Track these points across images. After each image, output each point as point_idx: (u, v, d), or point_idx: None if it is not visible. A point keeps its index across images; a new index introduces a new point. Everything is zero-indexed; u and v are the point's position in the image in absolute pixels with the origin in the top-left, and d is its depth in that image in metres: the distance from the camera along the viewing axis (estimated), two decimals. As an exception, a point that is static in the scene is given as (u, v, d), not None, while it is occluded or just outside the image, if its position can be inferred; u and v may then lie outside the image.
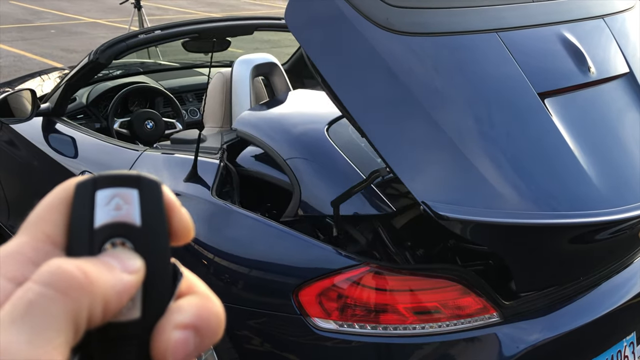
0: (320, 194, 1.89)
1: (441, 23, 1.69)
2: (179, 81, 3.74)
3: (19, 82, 3.92)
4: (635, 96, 1.91)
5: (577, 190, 1.63)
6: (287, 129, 2.09)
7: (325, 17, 1.69)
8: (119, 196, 0.34)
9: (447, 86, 1.66)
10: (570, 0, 1.99)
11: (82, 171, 2.60)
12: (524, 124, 1.68)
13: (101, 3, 16.84)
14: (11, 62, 9.23)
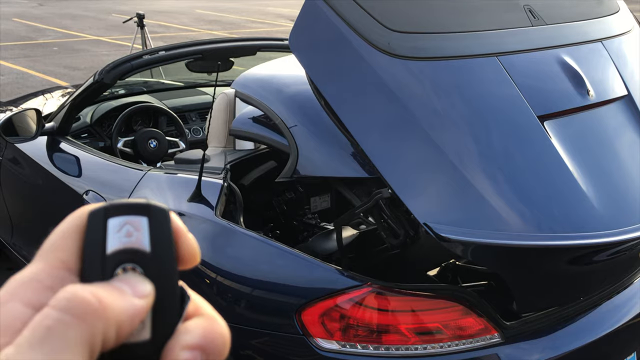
0: (317, 156, 1.85)
1: (442, 47, 1.72)
2: (182, 100, 3.77)
3: (22, 101, 3.96)
4: (633, 118, 1.93)
5: (577, 212, 1.65)
6: (282, 89, 2.06)
7: (329, 41, 1.72)
8: (130, 223, 0.36)
9: (447, 108, 1.69)
10: (568, 25, 2.02)
11: (86, 190, 2.62)
12: (523, 146, 1.70)
13: (103, 21, 16.97)
14: (14, 79, 9.28)
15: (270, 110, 1.99)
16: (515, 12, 1.92)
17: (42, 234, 1.86)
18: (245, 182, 2.38)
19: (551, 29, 1.94)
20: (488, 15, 1.88)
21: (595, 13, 2.14)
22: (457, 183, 1.61)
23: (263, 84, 2.12)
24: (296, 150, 1.88)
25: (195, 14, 18.56)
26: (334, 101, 1.67)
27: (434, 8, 1.82)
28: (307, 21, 1.73)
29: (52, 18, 17.77)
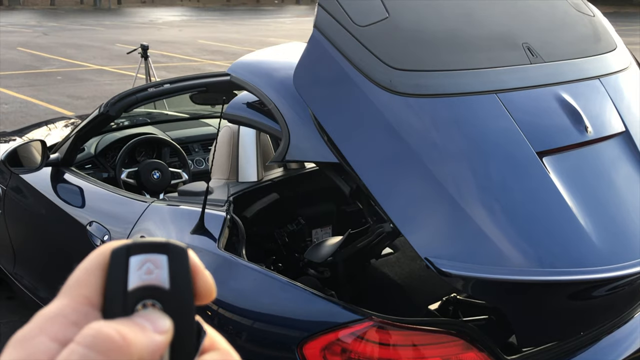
0: (308, 140, 1.84)
1: (442, 85, 1.76)
2: (185, 132, 3.81)
3: (26, 131, 3.99)
4: (631, 154, 1.96)
5: (577, 248, 1.67)
6: (275, 73, 2.05)
7: (332, 78, 1.75)
8: (150, 261, 0.38)
9: (447, 143, 1.72)
10: (566, 62, 2.05)
11: (89, 221, 2.64)
12: (522, 181, 1.72)
13: (108, 51, 17.13)
14: (17, 108, 9.36)
15: (264, 95, 1.98)
16: (514, 50, 1.96)
17: (44, 264, 1.89)
18: (248, 215, 2.40)
19: (549, 67, 1.98)
20: (487, 53, 1.92)
21: (593, 50, 2.18)
22: (457, 217, 1.62)
23: (257, 69, 2.11)
24: (288, 134, 1.87)
25: (197, 44, 18.76)
26: (336, 136, 1.70)
27: (435, 47, 1.86)
28: (311, 58, 1.77)
29: (56, 47, 17.96)
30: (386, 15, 1.79)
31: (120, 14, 39.70)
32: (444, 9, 2.01)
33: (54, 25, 28.12)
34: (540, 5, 2.28)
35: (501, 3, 2.18)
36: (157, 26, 27.55)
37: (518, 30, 2.05)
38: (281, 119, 1.90)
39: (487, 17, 2.06)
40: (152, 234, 2.33)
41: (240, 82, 2.08)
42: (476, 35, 1.97)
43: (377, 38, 1.76)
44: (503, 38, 2.01)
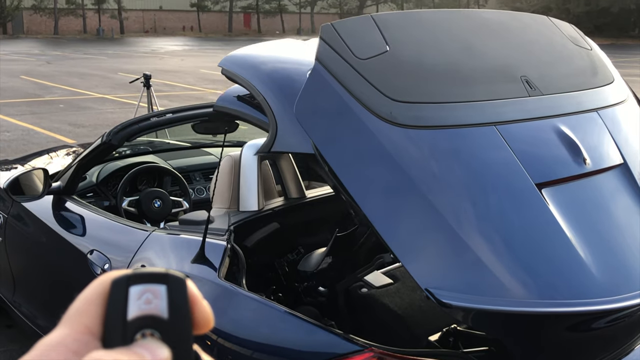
0: (294, 132, 1.85)
1: (441, 117, 1.78)
2: (186, 160, 3.83)
3: (29, 159, 4.02)
4: (629, 186, 1.97)
5: (577, 279, 1.67)
6: (263, 67, 2.09)
7: (333, 109, 1.78)
8: (150, 291, 0.39)
9: (446, 174, 1.73)
10: (564, 95, 2.07)
11: (90, 250, 2.64)
12: (521, 212, 1.73)
13: (110, 79, 17.27)
14: (19, 136, 9.40)
15: (254, 87, 1.99)
16: (513, 83, 1.98)
17: (44, 292, 1.90)
18: (248, 244, 2.40)
19: (548, 99, 2.00)
20: (486, 86, 1.94)
21: (590, 84, 2.20)
22: (457, 248, 1.63)
23: (247, 62, 2.13)
24: (275, 127, 1.88)
25: (199, 73, 18.91)
26: (337, 165, 1.71)
27: (434, 79, 1.89)
28: (312, 89, 1.79)
29: (59, 76, 18.11)
30: (386, 49, 1.82)
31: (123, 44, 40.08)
32: (443, 42, 2.04)
33: (57, 54, 28.38)
34: (539, 38, 2.32)
35: (500, 36, 2.22)
36: (160, 55, 27.80)
37: (517, 64, 2.08)
38: (269, 111, 1.91)
39: (486, 50, 2.10)
40: (153, 262, 2.33)
41: (230, 75, 2.10)
42: (475, 68, 2.00)
43: (378, 71, 1.78)
44: (502, 71, 2.03)
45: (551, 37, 2.34)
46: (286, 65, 2.11)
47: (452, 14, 2.34)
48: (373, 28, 1.86)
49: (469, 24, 2.18)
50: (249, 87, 2.02)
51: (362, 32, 1.87)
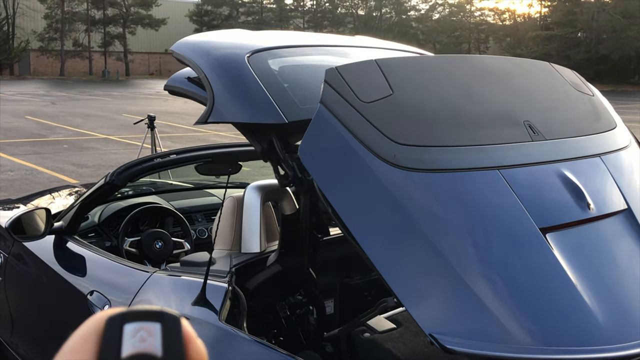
0: (230, 103, 2.09)
1: (445, 160, 1.78)
2: (189, 201, 3.83)
3: (32, 199, 4.02)
4: (633, 232, 1.95)
5: (581, 326, 1.64)
6: (212, 51, 2.30)
7: (336, 151, 1.79)
8: (144, 329, 0.39)
9: (450, 217, 1.73)
10: (567, 140, 2.08)
11: (90, 291, 2.62)
12: (526, 257, 1.72)
13: (114, 120, 17.42)
14: (23, 175, 9.44)
15: (198, 67, 2.21)
16: (516, 127, 1.99)
17: (42, 333, 1.90)
18: (250, 286, 2.38)
19: (551, 144, 2.00)
20: (489, 130, 1.95)
21: (593, 129, 2.21)
22: (462, 293, 1.61)
23: (196, 47, 2.36)
24: (212, 100, 2.07)
25: (203, 115, 19.04)
26: (340, 207, 1.71)
27: (437, 124, 1.90)
28: (316, 131, 1.80)
29: (63, 116, 18.27)
30: (390, 92, 1.84)
31: (128, 85, 40.55)
32: (445, 87, 2.07)
33: (62, 94, 28.69)
34: (541, 84, 2.35)
35: (501, 82, 2.24)
36: (164, 97, 28.07)
37: (519, 109, 2.10)
38: (209, 88, 2.11)
39: (488, 95, 2.12)
40: (153, 304, 2.30)
41: (180, 57, 2.34)
42: (477, 113, 2.02)
43: (381, 114, 1.80)
44: (504, 116, 2.05)
45: (553, 83, 2.36)
46: (228, 49, 2.32)
47: (453, 60, 2.40)
48: (377, 72, 1.89)
49: (471, 70, 2.21)
50: (195, 68, 2.24)
51: (366, 76, 1.89)
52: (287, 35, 2.88)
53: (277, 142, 2.10)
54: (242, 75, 2.14)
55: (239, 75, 2.15)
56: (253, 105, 2.08)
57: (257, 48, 2.28)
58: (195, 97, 2.31)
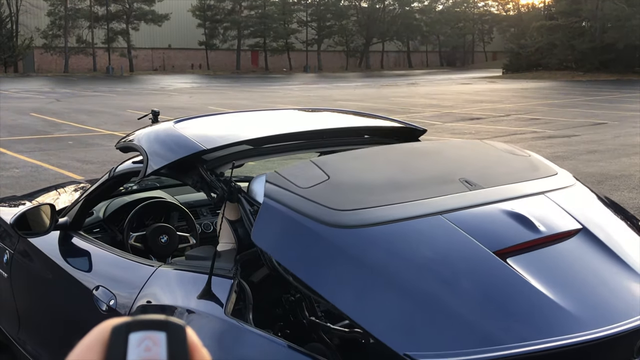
0: (160, 155, 2.48)
1: (388, 215, 1.95)
2: (193, 196, 3.83)
3: (36, 195, 4.03)
4: (593, 245, 2.07)
5: (547, 319, 1.76)
6: (146, 129, 2.79)
7: (288, 229, 1.98)
8: (149, 339, 0.39)
9: (406, 257, 1.89)
10: (507, 185, 2.27)
11: (96, 286, 2.62)
12: (482, 274, 1.87)
13: (119, 116, 17.44)
14: (28, 172, 9.46)
15: (134, 143, 2.67)
16: (452, 184, 2.19)
17: (49, 329, 1.92)
18: (255, 279, 2.38)
19: (490, 190, 2.20)
20: (426, 190, 2.14)
21: (533, 177, 2.40)
22: (427, 314, 1.73)
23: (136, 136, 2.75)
24: (146, 156, 2.47)
25: (207, 110, 19.07)
26: (300, 273, 1.84)
27: (376, 191, 2.11)
28: (265, 217, 2.00)
29: (68, 113, 18.30)
30: (326, 177, 2.08)
31: (132, 81, 40.59)
32: (380, 166, 2.31)
33: (67, 91, 28.75)
34: (472, 154, 2.62)
35: (433, 157, 2.51)
36: (168, 93, 28.11)
37: (453, 172, 2.33)
38: (142, 151, 2.55)
39: (422, 167, 2.37)
40: (159, 298, 2.31)
41: (127, 144, 2.76)
42: (413, 180, 2.24)
43: (320, 192, 2.01)
44: (440, 178, 2.29)
45: (486, 151, 2.63)
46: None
47: (386, 149, 2.66)
48: (313, 167, 2.15)
49: (403, 153, 2.47)
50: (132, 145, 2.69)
51: (303, 172, 2.13)
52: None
53: (203, 171, 2.39)
54: (167, 133, 2.61)
55: (165, 134, 2.61)
56: (176, 146, 2.47)
57: (183, 118, 2.88)
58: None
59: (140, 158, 2.64)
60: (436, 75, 50.48)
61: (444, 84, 36.18)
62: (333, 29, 66.50)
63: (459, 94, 26.81)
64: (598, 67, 45.70)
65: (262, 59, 64.13)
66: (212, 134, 2.63)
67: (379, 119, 3.27)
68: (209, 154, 2.48)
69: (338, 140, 2.98)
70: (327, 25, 66.34)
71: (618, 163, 10.02)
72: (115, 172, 2.89)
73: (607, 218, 2.37)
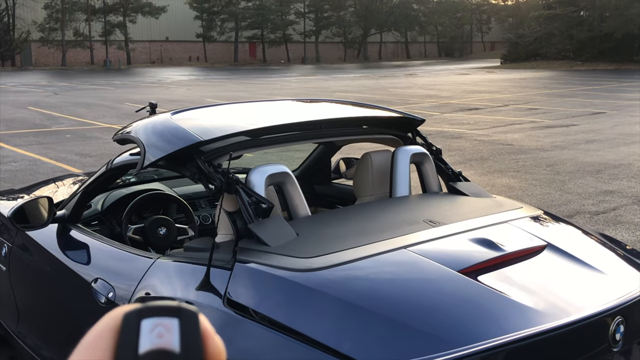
0: (158, 146, 2.49)
1: (356, 255, 2.10)
2: (192, 187, 3.82)
3: (34, 189, 4.02)
4: (560, 256, 2.25)
5: (506, 318, 1.89)
6: (143, 120, 2.81)
7: (260, 282, 2.08)
8: (161, 325, 0.38)
9: (372, 286, 2.02)
10: (471, 219, 2.42)
11: (94, 279, 2.62)
12: (447, 290, 2.01)
13: (117, 109, 17.40)
14: (26, 166, 9.44)
15: (131, 135, 2.67)
16: (416, 224, 2.36)
17: (48, 322, 1.94)
18: None
19: (453, 225, 2.36)
20: (390, 232, 2.28)
21: (496, 211, 2.58)
22: (394, 330, 1.82)
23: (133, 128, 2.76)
24: (143, 148, 2.50)
25: (205, 102, 19.02)
26: (285, 319, 1.89)
27: (344, 239, 2.22)
28: (238, 276, 2.09)
29: (66, 106, 18.26)
30: (295, 235, 2.22)
31: (129, 74, 40.49)
32: (342, 224, 2.44)
33: (64, 85, 28.68)
34: (438, 200, 2.79)
35: (397, 208, 2.66)
36: (166, 85, 28.04)
37: (417, 216, 2.47)
38: (139, 143, 2.56)
39: (387, 215, 2.52)
40: (157, 290, 2.31)
41: (124, 136, 2.74)
42: (379, 227, 2.36)
43: (289, 247, 2.14)
44: (403, 221, 2.43)
45: (452, 197, 2.82)
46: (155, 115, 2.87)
47: (353, 207, 2.83)
48: (284, 224, 2.27)
49: (370, 208, 2.61)
50: (130, 137, 2.69)
51: (275, 228, 2.24)
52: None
53: (201, 163, 2.41)
54: (164, 125, 2.63)
55: (162, 125, 2.62)
56: (174, 138, 2.49)
57: (180, 109, 2.89)
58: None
59: (138, 150, 2.63)
60: (434, 66, 50.37)
61: (442, 75, 36.11)
62: (331, 20, 66.28)
63: (458, 85, 26.76)
64: (596, 57, 45.60)
65: (259, 51, 63.96)
66: (210, 125, 2.62)
67: (377, 109, 3.25)
68: (207, 146, 2.47)
69: (336, 130, 2.97)
70: (325, 17, 66.12)
71: (617, 152, 10.01)
72: (113, 164, 2.89)
73: (573, 234, 2.58)
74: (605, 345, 1.97)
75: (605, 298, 2.04)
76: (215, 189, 2.35)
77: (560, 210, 6.63)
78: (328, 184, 3.88)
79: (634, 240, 5.63)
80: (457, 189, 2.89)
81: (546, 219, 2.66)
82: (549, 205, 6.80)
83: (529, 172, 8.63)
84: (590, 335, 1.99)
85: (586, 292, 2.12)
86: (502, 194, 7.18)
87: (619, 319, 1.99)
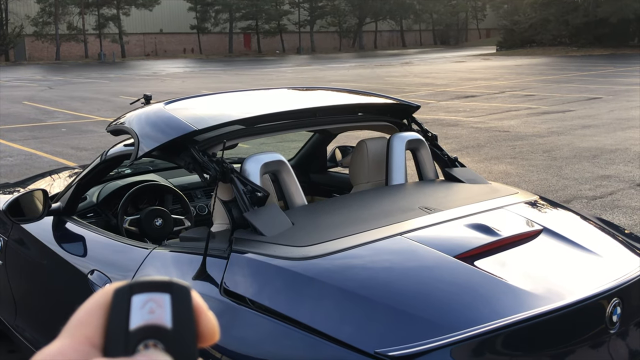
0: (151, 136, 2.49)
1: (351, 242, 2.10)
2: (187, 178, 3.80)
3: (30, 182, 4.00)
4: (555, 239, 2.27)
5: (501, 302, 1.90)
6: (137, 111, 2.79)
7: (256, 271, 2.08)
8: (153, 300, 0.37)
9: (369, 273, 2.04)
10: (466, 206, 2.44)
11: (91, 270, 2.61)
12: (444, 274, 2.02)
13: (112, 102, 17.35)
14: (22, 161, 9.42)
15: (125, 126, 2.67)
16: (411, 211, 2.37)
17: (46, 315, 1.93)
18: None
19: (449, 211, 2.38)
20: (385, 219, 2.29)
21: (492, 197, 2.59)
22: (391, 317, 1.82)
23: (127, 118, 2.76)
24: (137, 138, 2.49)
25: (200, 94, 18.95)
26: (284, 309, 1.89)
27: (340, 227, 2.23)
28: (235, 265, 2.10)
29: (61, 100, 18.19)
30: (291, 224, 2.22)
31: (124, 67, 40.35)
32: (338, 212, 2.44)
33: (59, 79, 28.57)
34: (433, 188, 2.80)
35: (393, 196, 2.66)
36: (161, 78, 27.95)
37: (411, 203, 2.48)
38: (133, 133, 2.56)
39: (383, 203, 2.52)
40: (155, 280, 2.30)
41: (118, 127, 2.74)
42: (373, 214, 2.36)
43: (285, 235, 2.14)
44: (398, 209, 2.44)
45: (448, 185, 2.83)
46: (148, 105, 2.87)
47: (348, 196, 2.82)
48: (280, 213, 2.27)
49: (366, 197, 2.61)
50: (124, 127, 2.68)
51: (270, 217, 2.23)
52: None
53: (195, 152, 2.39)
54: (157, 115, 2.61)
55: (155, 115, 2.61)
56: (167, 128, 2.48)
57: (174, 99, 2.89)
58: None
59: (132, 141, 2.61)
60: (430, 54, 50.26)
61: (438, 63, 36.04)
62: (325, 10, 66.03)
63: (454, 72, 26.71)
64: (592, 42, 45.52)
65: (254, 42, 63.75)
66: (204, 115, 2.61)
67: (372, 97, 3.24)
68: (201, 135, 2.46)
69: (331, 118, 2.95)
70: (320, 6, 65.86)
71: (613, 137, 10.01)
72: (107, 156, 2.87)
73: (569, 219, 2.59)
74: (602, 327, 1.98)
75: (602, 280, 2.05)
76: (210, 178, 2.33)
77: (557, 195, 6.64)
78: (324, 173, 3.87)
79: (631, 224, 5.64)
80: (453, 175, 2.88)
81: (542, 204, 2.68)
82: (546, 191, 6.81)
83: (525, 159, 8.62)
84: (587, 317, 2.00)
85: (582, 274, 2.13)
86: (499, 180, 7.18)
87: (616, 300, 1.99)
